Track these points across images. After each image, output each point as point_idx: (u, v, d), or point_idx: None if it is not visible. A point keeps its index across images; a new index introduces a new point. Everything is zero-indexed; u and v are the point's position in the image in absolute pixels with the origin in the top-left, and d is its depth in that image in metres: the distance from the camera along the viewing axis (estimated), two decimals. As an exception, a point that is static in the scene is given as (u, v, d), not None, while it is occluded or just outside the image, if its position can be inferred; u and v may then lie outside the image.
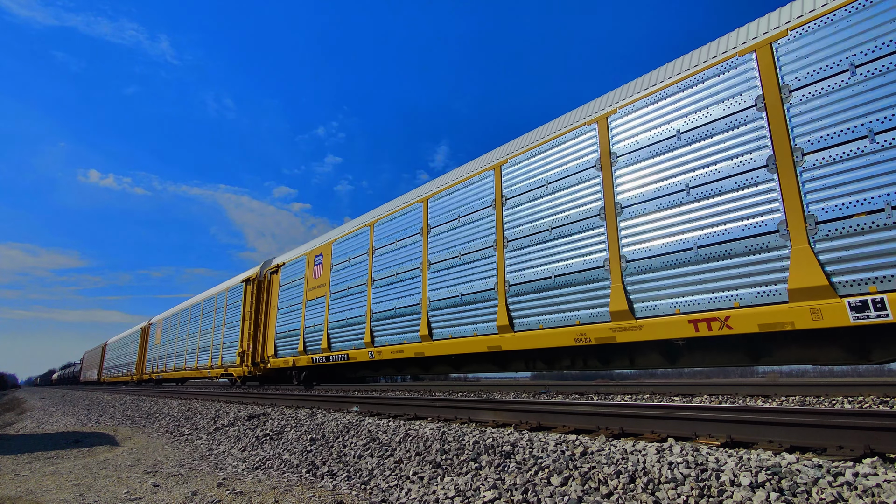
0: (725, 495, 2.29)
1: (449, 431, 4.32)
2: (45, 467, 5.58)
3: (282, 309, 13.59)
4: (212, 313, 19.36)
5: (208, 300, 20.23)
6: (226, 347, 17.15)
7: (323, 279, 11.69)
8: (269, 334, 14.00)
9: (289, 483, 3.96)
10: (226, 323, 17.66)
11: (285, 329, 13.07)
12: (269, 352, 13.73)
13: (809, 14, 4.82)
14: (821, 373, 25.35)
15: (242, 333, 15.75)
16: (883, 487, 2.11)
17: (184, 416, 9.12)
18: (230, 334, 16.96)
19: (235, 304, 16.88)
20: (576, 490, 2.65)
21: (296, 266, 13.35)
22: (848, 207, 4.28)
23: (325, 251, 11.89)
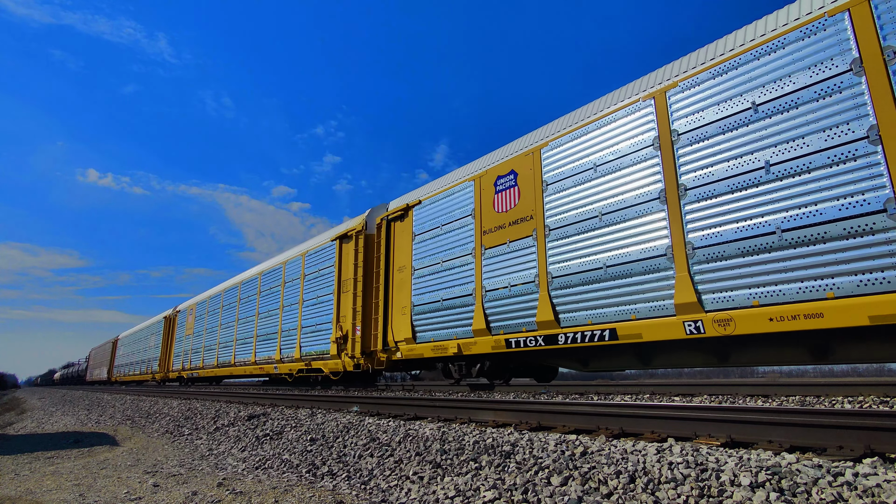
0: (725, 495, 2.29)
1: (449, 431, 4.32)
2: (45, 467, 5.58)
3: (422, 269, 9.61)
4: (276, 289, 14.83)
5: (270, 273, 15.51)
6: (307, 333, 12.87)
7: (527, 208, 7.72)
8: (397, 309, 10.03)
9: (289, 483, 3.96)
10: (303, 300, 13.28)
11: (433, 298, 9.19)
12: (399, 335, 9.84)
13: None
14: (821, 373, 25.33)
15: (339, 312, 11.54)
16: (883, 487, 2.11)
17: (184, 416, 9.13)
18: (314, 314, 12.68)
19: (322, 272, 12.66)
20: (576, 490, 2.65)
21: (449, 201, 9.35)
22: None
23: (526, 164, 7.90)
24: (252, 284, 16.79)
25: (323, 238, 13.23)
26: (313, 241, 13.72)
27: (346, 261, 11.77)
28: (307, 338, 12.91)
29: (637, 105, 6.45)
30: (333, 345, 11.60)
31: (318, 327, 12.48)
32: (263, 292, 15.81)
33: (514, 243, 7.85)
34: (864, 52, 4.60)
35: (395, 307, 10.18)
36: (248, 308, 16.62)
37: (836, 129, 4.64)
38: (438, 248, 9.40)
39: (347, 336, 11.22)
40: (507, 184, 8.25)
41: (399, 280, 10.22)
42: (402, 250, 10.33)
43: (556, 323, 6.95)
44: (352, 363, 11.04)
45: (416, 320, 9.57)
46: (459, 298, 8.68)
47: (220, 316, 19.02)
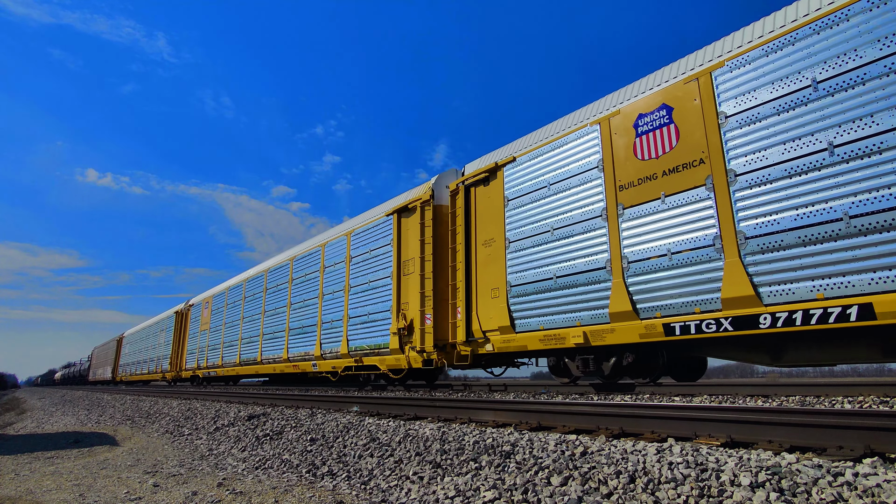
0: (725, 495, 2.29)
1: (449, 431, 4.32)
2: (45, 467, 5.58)
3: (520, 241, 7.83)
4: (314, 276, 13.03)
5: (305, 257, 13.63)
6: (356, 325, 11.02)
7: (692, 150, 6.03)
8: (483, 292, 8.35)
9: (289, 483, 3.96)
10: (350, 286, 11.44)
11: (541, 276, 7.40)
12: (489, 322, 8.15)
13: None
14: (821, 373, 25.31)
15: (400, 298, 9.77)
16: (883, 487, 2.11)
17: (184, 416, 9.13)
18: (365, 302, 10.87)
19: (375, 253, 10.89)
20: (576, 490, 2.65)
21: (559, 154, 7.54)
22: None
23: (689, 94, 6.19)
24: (282, 272, 14.77)
25: (375, 213, 11.37)
26: (361, 218, 11.94)
27: (408, 237, 9.90)
28: (357, 330, 10.98)
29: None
30: (394, 337, 9.70)
31: (372, 317, 10.56)
32: (297, 280, 13.79)
33: (673, 197, 6.05)
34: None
35: (480, 289, 8.39)
36: (278, 298, 14.70)
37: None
38: (545, 214, 7.55)
39: (412, 326, 9.40)
40: (655, 122, 6.45)
41: (485, 256, 8.42)
42: (488, 220, 8.52)
43: (757, 300, 5.27)
44: (420, 358, 9.15)
45: (514, 304, 7.77)
46: (584, 274, 6.86)
47: (242, 308, 16.96)
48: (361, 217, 12.08)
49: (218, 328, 18.87)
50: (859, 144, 4.75)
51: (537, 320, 7.45)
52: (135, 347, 32.00)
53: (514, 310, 7.81)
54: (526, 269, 7.73)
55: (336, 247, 12.45)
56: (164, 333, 25.68)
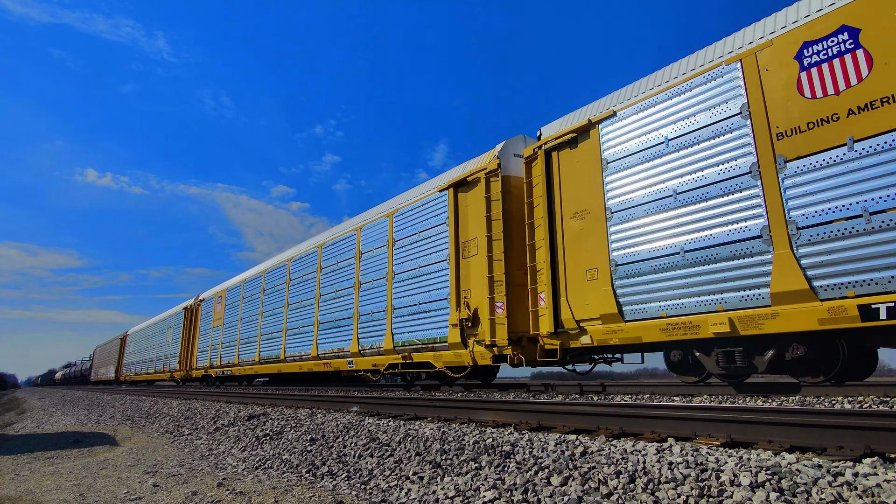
0: (725, 495, 2.29)
1: (449, 431, 4.32)
2: (45, 467, 5.58)
3: (628, 210, 6.62)
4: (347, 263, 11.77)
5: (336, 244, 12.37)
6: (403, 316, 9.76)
7: (889, 82, 4.88)
8: (574, 274, 7.14)
9: (289, 483, 3.96)
10: (393, 273, 10.18)
11: (661, 251, 6.21)
12: (584, 310, 6.90)
13: None
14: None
15: (459, 285, 8.60)
16: (883, 487, 2.11)
17: (184, 416, 9.13)
18: (413, 290, 9.62)
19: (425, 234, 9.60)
20: (576, 490, 2.65)
21: (679, 103, 6.36)
22: None
23: (881, 8, 5.03)
24: (307, 261, 13.54)
25: (423, 190, 10.10)
26: (405, 196, 10.64)
27: (470, 214, 8.72)
28: (405, 322, 9.70)
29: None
30: (453, 330, 8.49)
31: (424, 307, 9.28)
32: (326, 269, 12.63)
33: (868, 143, 4.79)
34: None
35: (570, 271, 7.13)
36: (303, 289, 13.46)
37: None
38: (663, 176, 6.29)
39: (477, 316, 8.20)
40: (831, 50, 5.16)
41: (575, 231, 7.14)
42: (578, 188, 7.23)
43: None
44: (489, 354, 7.95)
45: (622, 287, 6.50)
46: (727, 247, 5.62)
47: (262, 302, 15.74)
48: (406, 195, 10.71)
49: (233, 324, 17.60)
50: None
51: (657, 306, 6.15)
52: (140, 346, 30.82)
53: (621, 294, 6.49)
54: (638, 243, 6.41)
55: (375, 230, 11.19)
56: (171, 331, 24.55)
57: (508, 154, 8.68)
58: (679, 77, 6.43)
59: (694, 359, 6.48)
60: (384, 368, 10.24)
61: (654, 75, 6.87)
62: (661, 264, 6.19)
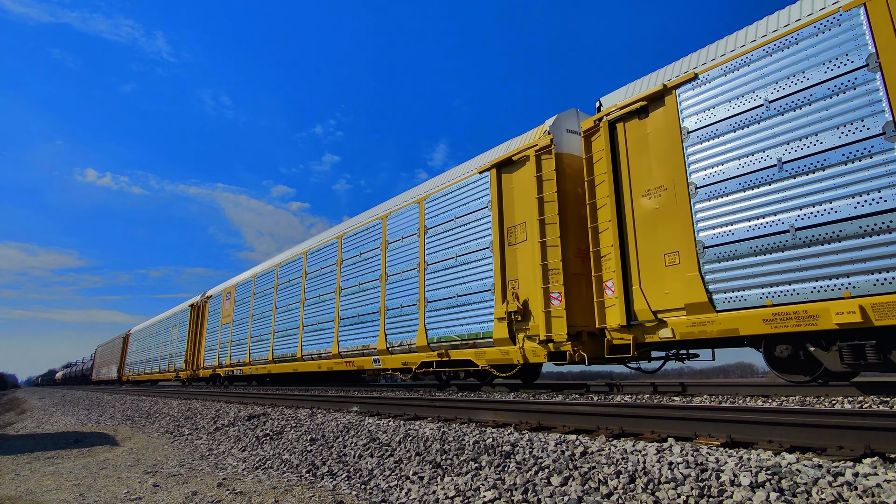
0: (725, 495, 2.29)
1: (449, 431, 4.32)
2: (45, 467, 5.58)
3: (719, 185, 5.94)
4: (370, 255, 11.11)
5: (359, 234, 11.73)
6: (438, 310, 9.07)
7: None
8: (649, 259, 6.52)
9: (289, 483, 3.96)
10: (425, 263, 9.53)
11: (769, 229, 5.50)
12: (662, 300, 6.27)
13: None
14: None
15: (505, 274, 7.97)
16: (883, 487, 2.11)
17: (184, 416, 9.13)
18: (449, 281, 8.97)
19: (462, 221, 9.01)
20: (576, 490, 2.65)
21: (783, 59, 5.57)
22: None
23: None
24: (326, 253, 12.85)
25: (460, 172, 9.32)
26: (438, 180, 9.86)
27: (515, 197, 8.04)
28: (441, 316, 8.95)
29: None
30: (499, 324, 7.78)
31: (463, 300, 8.57)
32: (347, 261, 11.98)
33: None
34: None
35: (643, 256, 6.45)
36: (321, 283, 12.78)
37: None
38: (764, 143, 5.55)
39: (528, 309, 7.47)
40: None
41: (648, 211, 6.45)
42: (651, 162, 6.51)
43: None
44: (543, 351, 7.19)
45: (712, 272, 5.77)
46: (854, 222, 4.85)
47: (275, 297, 15.00)
48: (438, 179, 9.92)
49: (243, 321, 16.75)
50: None
51: (759, 293, 5.44)
52: (143, 345, 29.94)
53: (711, 280, 5.76)
54: (732, 222, 5.71)
55: (403, 218, 10.42)
56: (177, 329, 23.70)
57: (560, 129, 7.79)
58: (780, 30, 5.62)
59: (807, 354, 5.64)
60: (416, 367, 9.36)
61: (742, 32, 6.11)
62: (763, 245, 5.41)
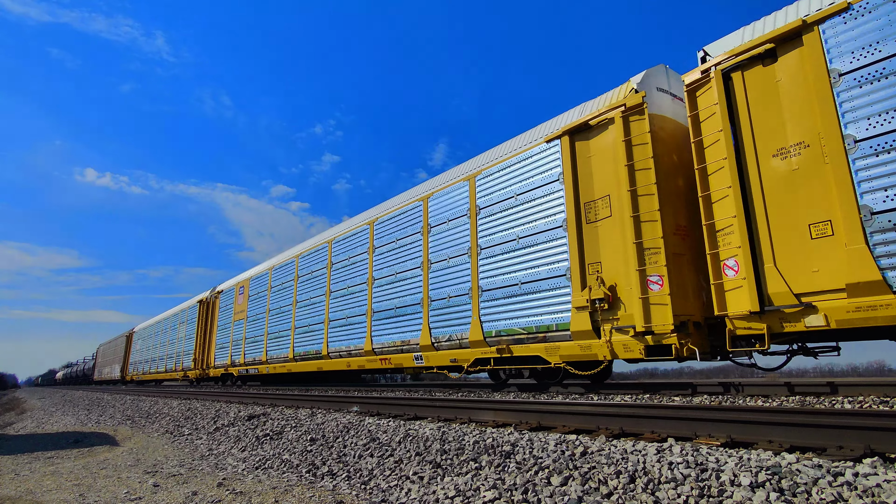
0: (725, 495, 2.29)
1: (449, 431, 4.32)
2: (45, 467, 5.59)
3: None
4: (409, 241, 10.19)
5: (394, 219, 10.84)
6: (496, 300, 8.10)
7: None
8: (786, 230, 5.55)
9: (289, 483, 3.96)
10: (479, 247, 8.63)
11: None
12: (808, 281, 5.29)
13: None
14: (821, 373, 25.36)
15: (583, 257, 7.00)
16: (883, 487, 2.11)
17: (184, 416, 9.13)
18: (510, 266, 8.01)
19: (522, 199, 8.05)
20: (576, 490, 2.65)
21: None
22: None
23: None
24: (355, 241, 11.95)
25: (522, 142, 8.36)
26: (493, 154, 8.92)
27: (595, 166, 7.04)
28: (499, 307, 7.97)
29: None
30: (578, 315, 6.76)
31: (528, 287, 7.57)
32: (380, 248, 10.98)
33: None
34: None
35: (779, 227, 5.50)
36: (350, 273, 11.84)
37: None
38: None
39: (616, 296, 6.52)
40: None
41: (783, 174, 5.51)
42: (782, 115, 5.59)
43: None
44: (639, 345, 6.21)
45: (886, 244, 4.72)
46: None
47: (295, 290, 14.07)
48: (492, 153, 8.93)
49: (258, 317, 15.78)
50: None
51: None
52: (148, 343, 28.93)
53: (884, 253, 4.73)
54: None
55: (449, 198, 9.45)
56: (184, 326, 22.62)
57: (649, 88, 6.86)
58: None
59: None
60: (469, 364, 8.35)
61: None
62: None
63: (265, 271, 16.36)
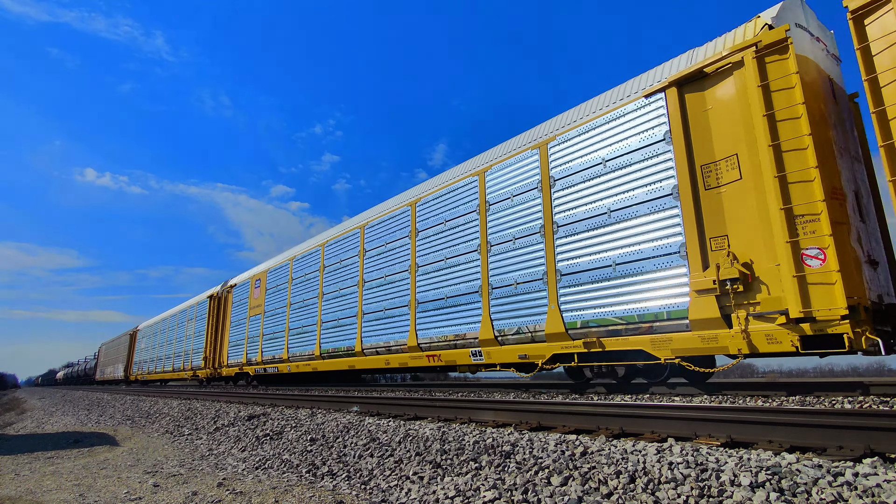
0: (725, 495, 2.29)
1: (449, 431, 4.32)
2: (46, 467, 5.58)
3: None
4: (463, 220, 9.09)
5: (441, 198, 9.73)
6: (582, 284, 6.95)
7: None
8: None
9: (289, 483, 3.96)
10: (554, 223, 7.46)
11: None
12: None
13: None
14: (821, 373, 25.33)
15: (703, 231, 5.90)
16: (883, 487, 2.11)
17: (184, 416, 9.13)
18: (598, 245, 6.87)
19: (613, 165, 6.88)
20: (576, 490, 2.65)
21: None
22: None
23: None
24: (392, 225, 10.88)
25: (609, 100, 7.21)
26: (570, 116, 7.72)
27: (714, 121, 6.01)
28: (584, 294, 6.83)
29: None
30: (700, 299, 5.69)
31: (625, 269, 6.42)
32: (424, 231, 9.91)
33: None
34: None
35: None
36: (387, 261, 10.75)
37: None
38: None
39: (754, 276, 5.45)
40: None
41: None
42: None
43: None
44: (790, 335, 5.14)
45: None
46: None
47: (321, 281, 12.99)
48: (564, 117, 7.82)
49: (278, 311, 14.71)
50: None
51: None
52: (153, 342, 27.87)
53: None
54: None
55: (512, 170, 8.31)
56: (192, 323, 21.55)
57: (785, 20, 5.88)
58: None
59: None
60: (544, 361, 7.27)
61: None
62: None
63: (285, 262, 15.14)
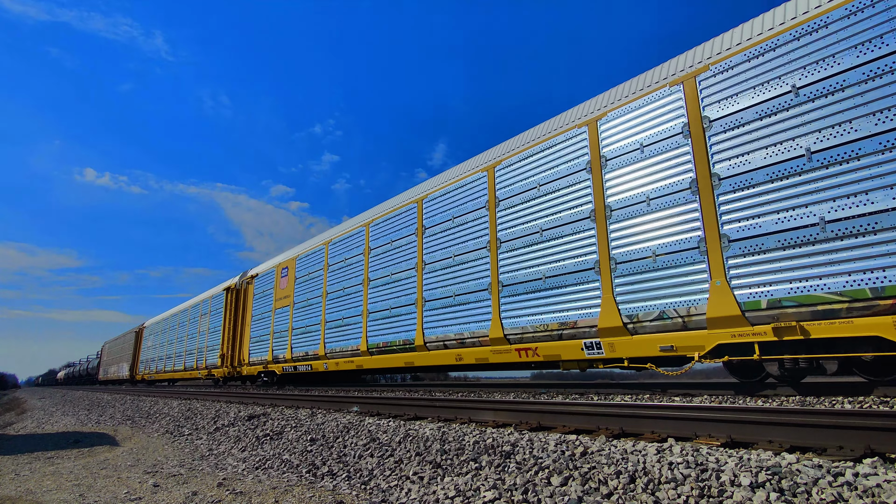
0: (725, 495, 2.29)
1: (449, 431, 4.32)
2: (45, 467, 5.58)
3: None
4: (578, 180, 7.16)
5: (552, 151, 7.63)
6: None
7: None
8: None
9: (289, 483, 3.96)
10: (713, 180, 5.61)
11: None
12: None
13: None
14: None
15: None
16: (883, 487, 2.11)
17: (184, 416, 9.13)
18: (815, 196, 4.87)
19: (838, 91, 4.82)
20: (576, 490, 2.65)
21: None
22: None
23: None
24: (463, 195, 9.13)
25: (789, 11, 5.39)
26: (727, 38, 5.99)
27: None
28: (771, 263, 5.20)
29: None
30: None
31: (836, 227, 4.77)
32: (506, 200, 8.27)
33: None
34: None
35: None
36: (456, 237, 9.05)
37: None
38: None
39: None
40: None
41: None
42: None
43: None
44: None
45: None
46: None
47: (366, 265, 11.30)
48: (727, 35, 6.00)
49: (312, 302, 13.10)
50: None
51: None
52: (161, 339, 26.07)
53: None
54: None
55: (653, 112, 6.48)
56: (206, 318, 19.90)
57: None
58: None
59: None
60: (703, 353, 5.70)
61: None
62: None
63: (319, 246, 13.46)
